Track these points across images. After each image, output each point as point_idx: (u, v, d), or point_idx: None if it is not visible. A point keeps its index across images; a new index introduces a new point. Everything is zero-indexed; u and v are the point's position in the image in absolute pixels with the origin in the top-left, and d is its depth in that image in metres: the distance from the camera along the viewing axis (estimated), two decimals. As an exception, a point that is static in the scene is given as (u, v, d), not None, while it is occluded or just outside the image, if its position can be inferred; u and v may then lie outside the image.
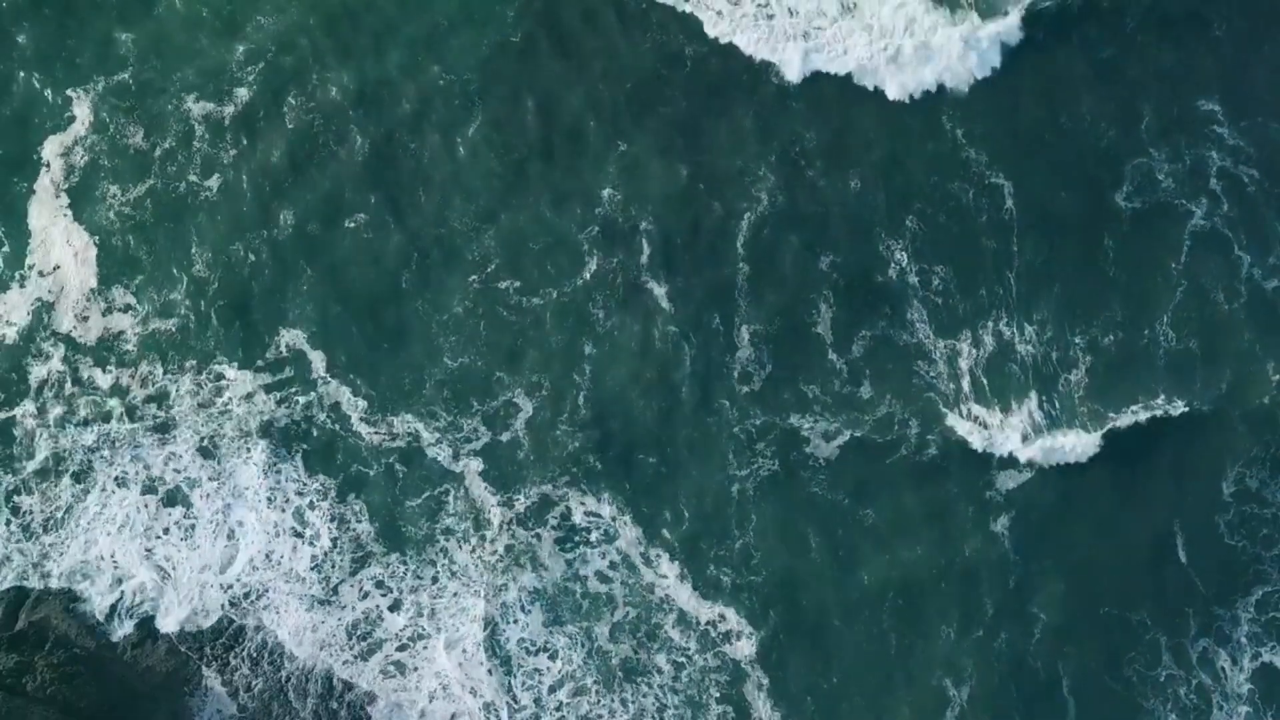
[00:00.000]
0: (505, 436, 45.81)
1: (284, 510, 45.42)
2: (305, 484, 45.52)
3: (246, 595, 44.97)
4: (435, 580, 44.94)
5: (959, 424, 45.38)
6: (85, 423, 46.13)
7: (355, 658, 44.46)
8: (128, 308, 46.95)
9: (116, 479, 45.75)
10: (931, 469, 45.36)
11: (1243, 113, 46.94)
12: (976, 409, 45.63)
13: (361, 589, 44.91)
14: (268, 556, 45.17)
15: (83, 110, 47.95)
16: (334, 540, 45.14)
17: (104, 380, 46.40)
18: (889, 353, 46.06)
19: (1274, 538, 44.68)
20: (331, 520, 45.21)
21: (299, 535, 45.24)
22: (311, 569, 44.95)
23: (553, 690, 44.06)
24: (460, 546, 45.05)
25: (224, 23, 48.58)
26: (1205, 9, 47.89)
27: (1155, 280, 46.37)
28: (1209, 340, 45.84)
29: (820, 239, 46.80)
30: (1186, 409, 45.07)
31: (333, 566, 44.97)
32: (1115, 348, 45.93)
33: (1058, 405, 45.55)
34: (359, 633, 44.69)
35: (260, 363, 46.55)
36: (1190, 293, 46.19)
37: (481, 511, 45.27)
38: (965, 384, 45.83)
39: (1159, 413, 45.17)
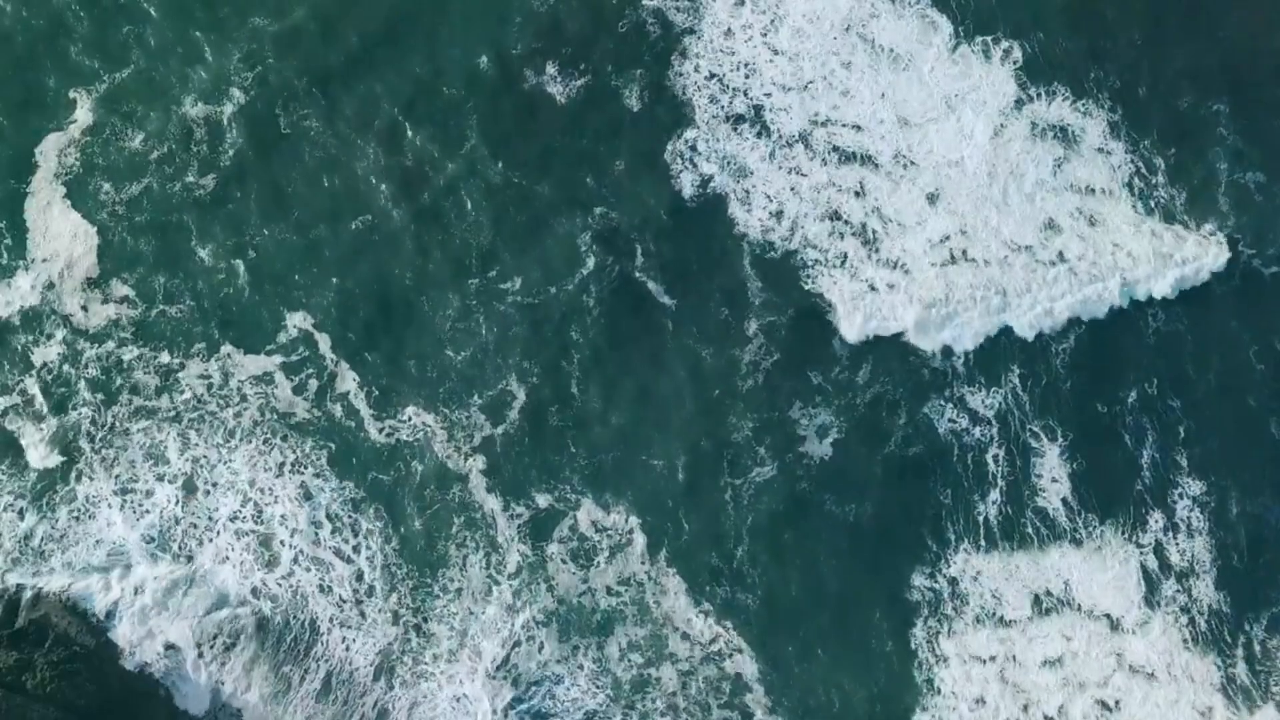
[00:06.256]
0: (512, 438, 45.99)
1: (289, 505, 45.60)
2: (313, 488, 45.75)
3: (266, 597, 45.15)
4: (445, 593, 45.07)
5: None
6: (92, 409, 46.17)
7: (372, 671, 44.56)
8: (126, 299, 47.03)
9: (123, 473, 45.82)
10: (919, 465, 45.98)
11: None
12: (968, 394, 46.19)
13: (366, 601, 44.99)
14: (285, 554, 45.34)
15: (83, 110, 48.30)
16: (347, 544, 45.32)
17: (108, 366, 46.47)
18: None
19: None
20: (348, 534, 45.44)
21: (317, 541, 45.45)
22: (319, 574, 45.15)
23: (567, 696, 44.30)
24: (473, 563, 45.17)
25: (225, 26, 49.12)
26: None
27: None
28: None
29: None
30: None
31: (343, 577, 45.11)
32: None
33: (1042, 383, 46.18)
34: (376, 647, 44.88)
35: (271, 346, 46.75)
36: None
37: (492, 524, 45.40)
38: (959, 367, 46.36)
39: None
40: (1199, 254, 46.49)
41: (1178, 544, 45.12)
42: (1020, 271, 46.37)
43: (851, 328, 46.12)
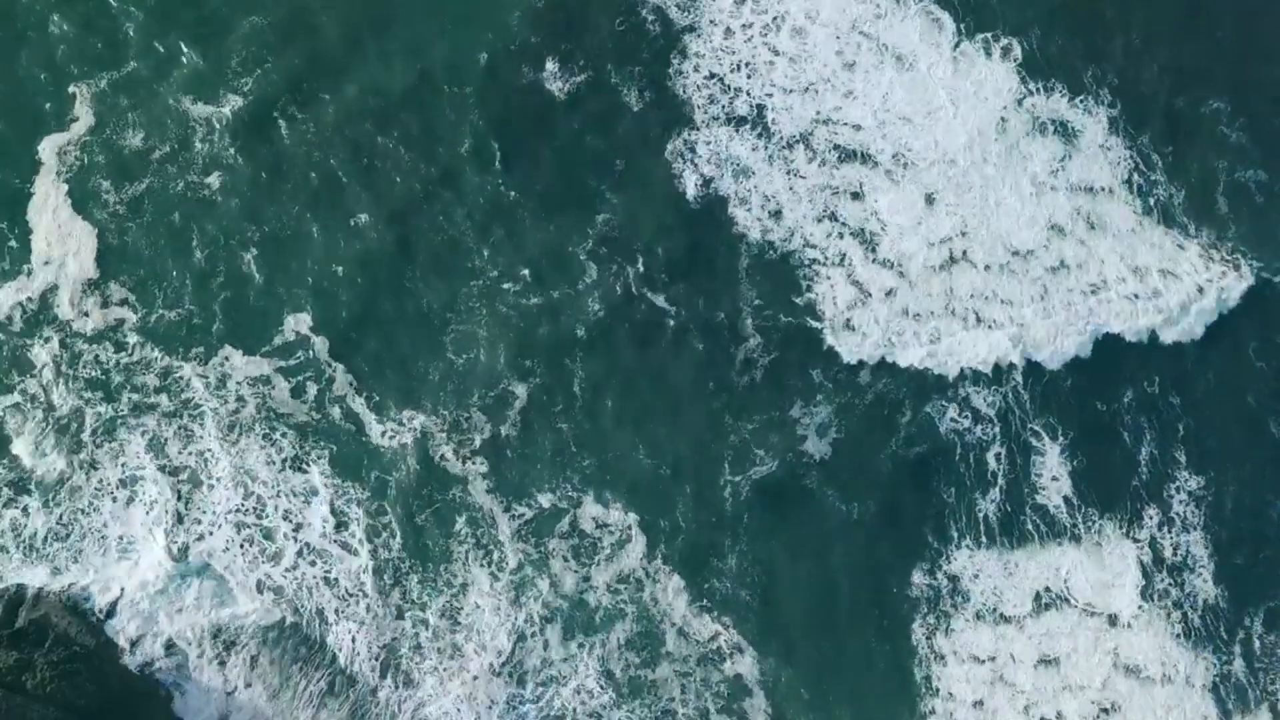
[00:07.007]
0: (510, 438, 46.00)
1: (286, 503, 45.56)
2: (310, 486, 45.70)
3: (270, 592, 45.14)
4: (448, 588, 45.06)
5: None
6: (93, 407, 46.01)
7: (379, 668, 44.52)
8: (126, 301, 46.95)
9: (124, 470, 45.66)
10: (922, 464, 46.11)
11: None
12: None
13: (370, 597, 44.97)
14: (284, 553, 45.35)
15: (84, 107, 48.18)
16: (353, 539, 45.30)
17: (108, 367, 46.32)
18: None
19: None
20: (353, 528, 45.42)
21: (313, 538, 45.40)
22: (318, 571, 45.08)
23: (569, 695, 44.32)
24: (475, 560, 45.19)
25: (225, 25, 49.08)
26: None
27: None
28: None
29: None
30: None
31: (347, 571, 45.06)
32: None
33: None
34: (381, 643, 44.87)
35: (267, 348, 46.63)
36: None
37: (493, 523, 45.42)
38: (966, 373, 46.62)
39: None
40: (1202, 268, 46.63)
41: (1176, 541, 45.32)
42: (1022, 279, 46.44)
43: (848, 352, 46.43)
